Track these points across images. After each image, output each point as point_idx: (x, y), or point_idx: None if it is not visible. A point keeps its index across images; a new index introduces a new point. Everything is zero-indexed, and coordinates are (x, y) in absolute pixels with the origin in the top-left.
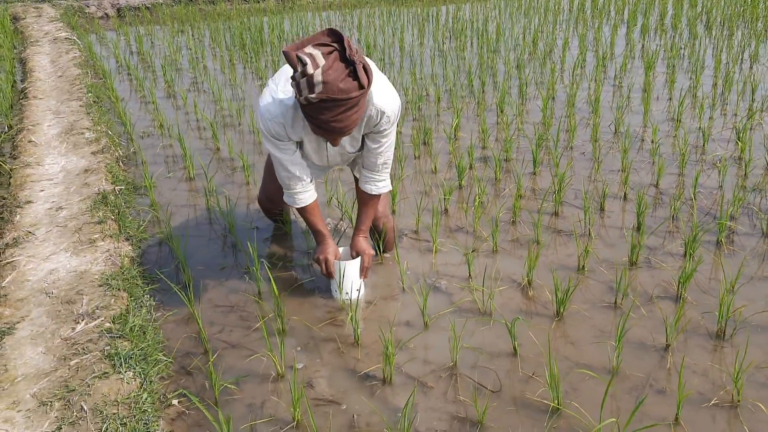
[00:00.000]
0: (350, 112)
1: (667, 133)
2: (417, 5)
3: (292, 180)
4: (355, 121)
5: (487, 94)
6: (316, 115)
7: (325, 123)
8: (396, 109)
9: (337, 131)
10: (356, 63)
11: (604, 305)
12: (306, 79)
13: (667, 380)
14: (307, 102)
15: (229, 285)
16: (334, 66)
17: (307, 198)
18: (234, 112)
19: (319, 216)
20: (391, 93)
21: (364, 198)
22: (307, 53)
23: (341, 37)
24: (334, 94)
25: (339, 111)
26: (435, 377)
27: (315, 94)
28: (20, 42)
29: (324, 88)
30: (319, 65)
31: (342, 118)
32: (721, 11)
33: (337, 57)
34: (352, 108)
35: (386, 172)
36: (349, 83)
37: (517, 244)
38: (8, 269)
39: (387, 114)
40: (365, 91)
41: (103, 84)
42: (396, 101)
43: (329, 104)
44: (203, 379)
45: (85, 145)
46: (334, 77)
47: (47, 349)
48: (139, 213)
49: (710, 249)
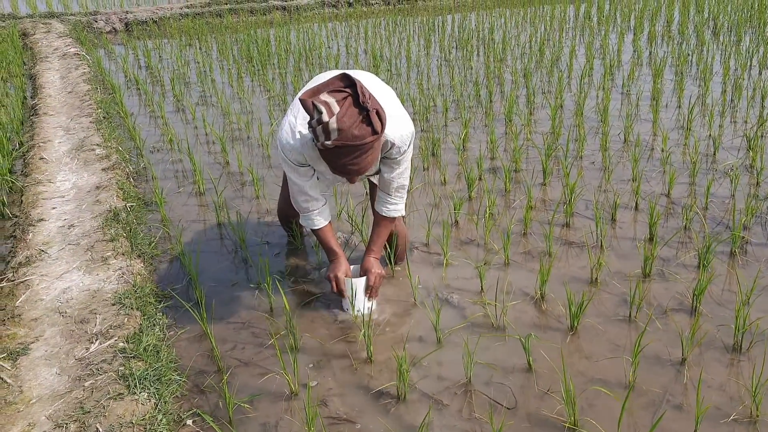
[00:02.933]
0: (365, 156)
1: (677, 142)
2: (423, 15)
3: (310, 203)
4: (370, 163)
5: (494, 103)
6: (333, 160)
7: (342, 167)
8: (405, 137)
9: (353, 173)
10: (369, 109)
11: (619, 318)
12: (322, 127)
13: (685, 395)
14: (324, 148)
15: (240, 301)
16: (348, 113)
17: (323, 220)
18: (243, 126)
19: (333, 234)
20: (401, 123)
21: (377, 218)
22: (322, 101)
23: (354, 81)
24: (349, 140)
25: (354, 155)
26: (449, 394)
27: (331, 141)
28: (30, 58)
29: (339, 135)
30: (334, 113)
31: (358, 162)
32: (728, 17)
33: (351, 103)
34: (367, 152)
35: (399, 197)
36: (363, 129)
37: (528, 257)
38: (22, 288)
39: (396, 144)
40: (379, 136)
41: (112, 99)
42: (404, 130)
43: (345, 150)
44: (217, 398)
45: (95, 162)
46: (348, 124)
47: (62, 370)
48: (151, 229)
49: (724, 260)
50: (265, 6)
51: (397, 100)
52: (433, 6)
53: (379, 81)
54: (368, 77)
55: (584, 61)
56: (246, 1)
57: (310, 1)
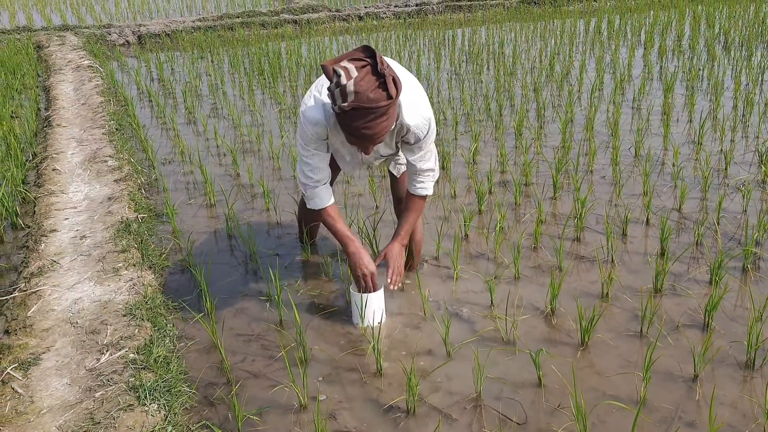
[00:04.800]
0: (379, 120)
1: (688, 156)
2: (433, 29)
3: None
4: (384, 128)
5: (504, 117)
6: (348, 123)
7: (356, 130)
8: (421, 124)
9: (367, 138)
10: (386, 75)
11: (630, 334)
12: (339, 90)
13: (697, 412)
14: (341, 110)
15: (250, 313)
16: (365, 78)
17: (327, 198)
18: (254, 138)
19: (342, 219)
20: (418, 109)
21: (406, 200)
22: (342, 66)
23: (374, 53)
24: (364, 102)
25: (369, 119)
26: (459, 409)
27: (347, 102)
28: (44, 70)
29: (356, 97)
30: (352, 77)
31: (372, 126)
32: (739, 32)
33: (369, 70)
34: (382, 116)
35: (427, 177)
36: (379, 93)
37: (539, 271)
38: (33, 299)
39: (412, 130)
40: (393, 101)
41: (125, 111)
42: (421, 116)
43: (360, 112)
44: (226, 410)
45: (108, 173)
46: (365, 87)
47: (72, 381)
48: (162, 240)
49: (736, 275)
50: (276, 20)
51: (418, 87)
52: (443, 20)
53: (403, 69)
54: (394, 63)
55: (594, 75)
56: (258, 15)
57: (321, 15)
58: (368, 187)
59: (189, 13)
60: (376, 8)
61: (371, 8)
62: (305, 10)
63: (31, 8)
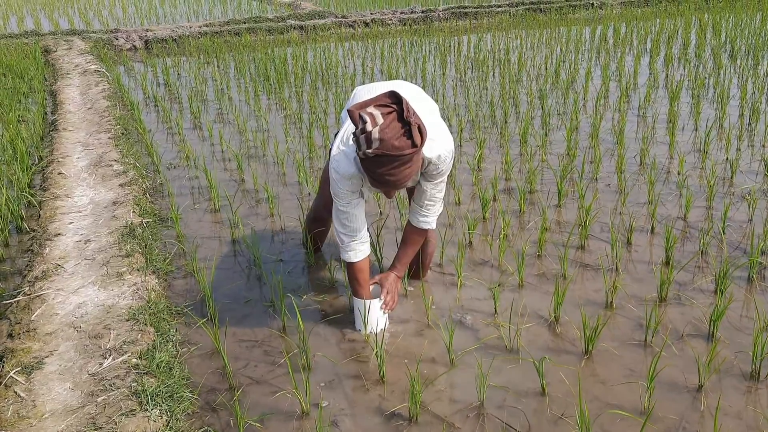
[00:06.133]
0: (403, 168)
1: (693, 165)
2: (439, 36)
3: (354, 231)
4: (407, 176)
5: (509, 124)
6: (372, 169)
7: (380, 176)
8: (444, 156)
9: (390, 184)
10: (411, 124)
11: (634, 343)
12: (365, 136)
13: (701, 423)
14: (365, 156)
15: (253, 319)
16: (391, 126)
17: (363, 253)
18: (259, 143)
19: (368, 282)
20: (440, 144)
21: (406, 234)
22: (368, 112)
23: (401, 99)
24: (389, 150)
25: (393, 166)
26: (462, 417)
27: (372, 149)
28: (51, 74)
29: (380, 144)
30: (378, 124)
31: (395, 173)
32: (745, 40)
33: (395, 117)
34: (406, 164)
35: (431, 210)
36: (403, 141)
37: (543, 279)
38: (37, 303)
39: (434, 161)
40: (418, 150)
41: (131, 116)
42: (443, 150)
43: (384, 159)
44: (228, 416)
45: (113, 177)
46: (390, 135)
47: (75, 385)
48: (166, 245)
49: (741, 285)
50: (282, 25)
51: (438, 119)
52: (449, 27)
53: (424, 96)
54: (414, 92)
55: (600, 83)
56: (264, 21)
57: (327, 21)
58: (372, 194)
59: (196, 18)
60: (382, 14)
61: (377, 14)
62: (311, 16)
63: (39, 12)
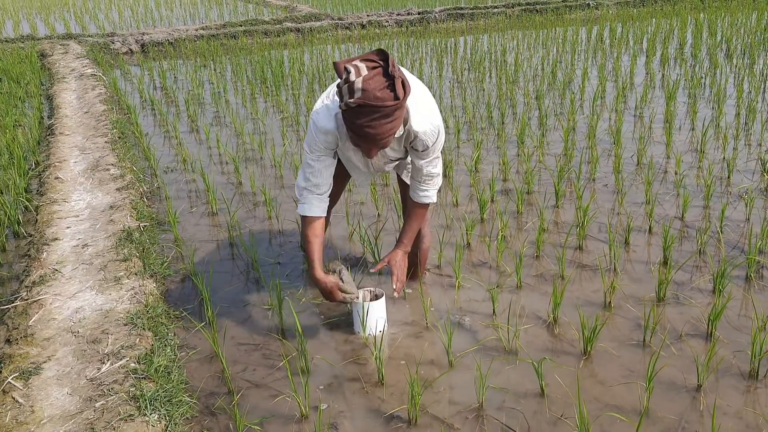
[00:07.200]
0: (384, 121)
1: (690, 165)
2: (435, 37)
3: (315, 186)
4: (388, 130)
5: (506, 125)
6: (353, 120)
7: (360, 128)
8: (429, 132)
9: (370, 137)
10: (395, 78)
11: (633, 343)
12: (348, 86)
13: (700, 423)
14: (347, 107)
15: (252, 322)
16: (375, 78)
17: (319, 209)
18: (256, 146)
19: (321, 238)
20: (427, 116)
21: (409, 207)
22: (353, 64)
23: (388, 56)
24: (371, 100)
25: (373, 117)
26: (461, 419)
27: (354, 99)
28: (47, 78)
29: (363, 94)
30: (362, 74)
31: (375, 125)
32: (741, 40)
33: (380, 72)
34: (387, 117)
35: (430, 184)
36: (386, 93)
37: (541, 280)
38: (35, 307)
39: (420, 137)
40: (399, 103)
41: (127, 119)
42: (430, 123)
43: (365, 110)
44: (227, 420)
45: (110, 182)
46: (373, 86)
47: (73, 390)
48: (163, 249)
49: (739, 284)
50: (279, 28)
51: (428, 95)
52: (445, 28)
53: (415, 78)
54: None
55: (597, 83)
56: (260, 23)
57: (323, 24)
58: (370, 196)
59: (192, 21)
60: (378, 16)
61: (374, 16)
62: (308, 18)
63: (35, 17)
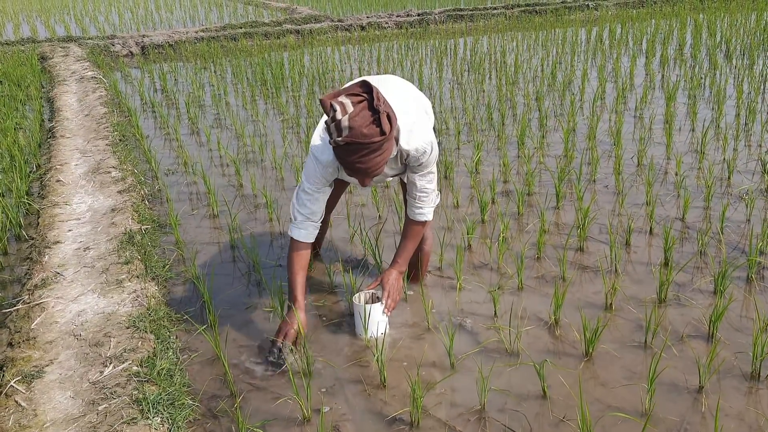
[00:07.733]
0: (373, 155)
1: (691, 165)
2: (435, 39)
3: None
4: (378, 163)
5: (507, 126)
6: (344, 157)
7: (351, 164)
8: (421, 148)
9: (362, 172)
10: (380, 112)
11: (634, 345)
12: (335, 124)
13: (702, 424)
14: (336, 145)
15: (254, 324)
16: (360, 114)
17: (310, 236)
18: (256, 148)
19: (305, 271)
20: (416, 135)
21: (405, 226)
22: (339, 101)
23: (371, 88)
24: (358, 138)
25: (362, 154)
26: (463, 421)
27: (342, 137)
28: (48, 81)
29: (350, 132)
30: (347, 112)
31: (365, 161)
32: (740, 40)
33: (365, 106)
34: (375, 152)
35: (425, 201)
36: (372, 129)
37: (542, 281)
38: (37, 311)
39: (412, 153)
40: (386, 137)
41: (128, 122)
42: (421, 140)
43: (353, 147)
44: (229, 423)
45: (111, 184)
46: (359, 123)
47: (75, 394)
48: (165, 252)
49: (741, 285)
50: (279, 30)
51: (418, 109)
52: (445, 30)
53: (402, 87)
54: (392, 83)
55: (596, 84)
56: (260, 25)
57: (323, 25)
58: (371, 198)
59: (192, 23)
60: (378, 18)
61: (373, 18)
62: (307, 20)
63: (35, 20)
